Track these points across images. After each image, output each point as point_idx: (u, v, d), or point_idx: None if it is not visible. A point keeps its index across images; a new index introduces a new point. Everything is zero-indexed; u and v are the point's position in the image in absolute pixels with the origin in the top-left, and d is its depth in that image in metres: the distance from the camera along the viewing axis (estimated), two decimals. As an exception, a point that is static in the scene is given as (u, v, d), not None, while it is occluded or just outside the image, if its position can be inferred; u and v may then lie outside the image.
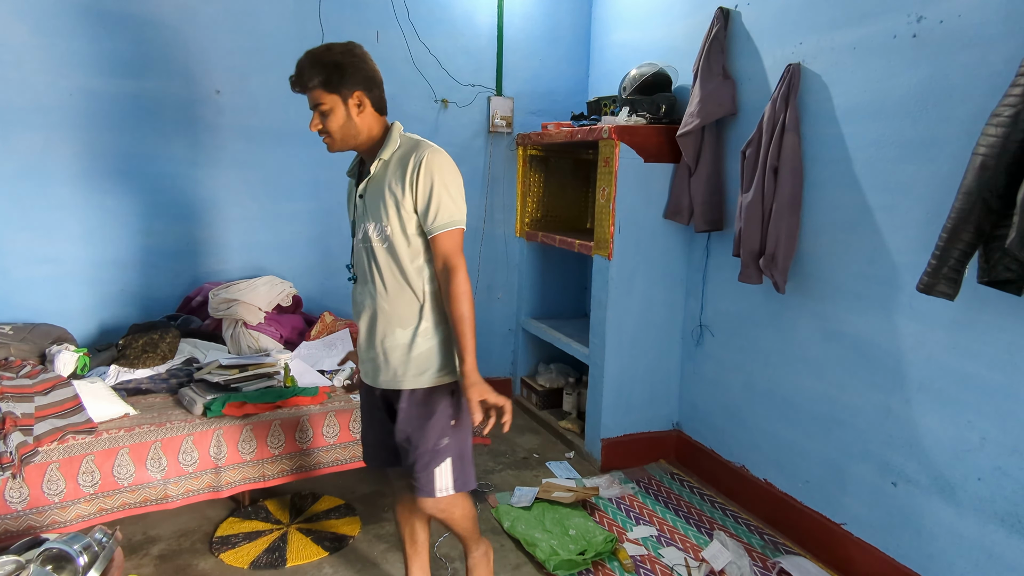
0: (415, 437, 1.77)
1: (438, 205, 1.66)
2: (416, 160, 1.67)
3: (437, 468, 1.77)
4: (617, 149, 2.91)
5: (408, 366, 1.76)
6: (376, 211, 1.72)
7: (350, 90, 1.67)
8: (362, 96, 1.69)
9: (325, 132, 1.71)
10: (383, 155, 1.72)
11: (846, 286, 2.35)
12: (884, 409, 2.24)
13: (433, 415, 1.77)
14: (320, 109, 1.67)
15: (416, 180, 1.66)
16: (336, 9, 3.25)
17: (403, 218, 1.69)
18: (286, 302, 3.13)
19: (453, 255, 1.68)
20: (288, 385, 2.61)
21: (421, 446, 1.76)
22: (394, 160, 1.72)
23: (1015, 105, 1.64)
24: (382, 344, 1.77)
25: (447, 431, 1.79)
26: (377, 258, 1.73)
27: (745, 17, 2.73)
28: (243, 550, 2.39)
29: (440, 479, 1.78)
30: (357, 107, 1.69)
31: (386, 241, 1.71)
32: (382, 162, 1.73)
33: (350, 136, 1.72)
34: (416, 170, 1.66)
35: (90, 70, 2.82)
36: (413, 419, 1.77)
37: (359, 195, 1.77)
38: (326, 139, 1.73)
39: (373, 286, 1.76)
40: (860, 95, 2.25)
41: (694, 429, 3.18)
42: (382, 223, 1.71)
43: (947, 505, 2.05)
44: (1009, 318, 1.85)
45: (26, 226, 2.79)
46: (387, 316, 1.75)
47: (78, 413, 2.22)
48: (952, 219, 1.76)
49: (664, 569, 2.39)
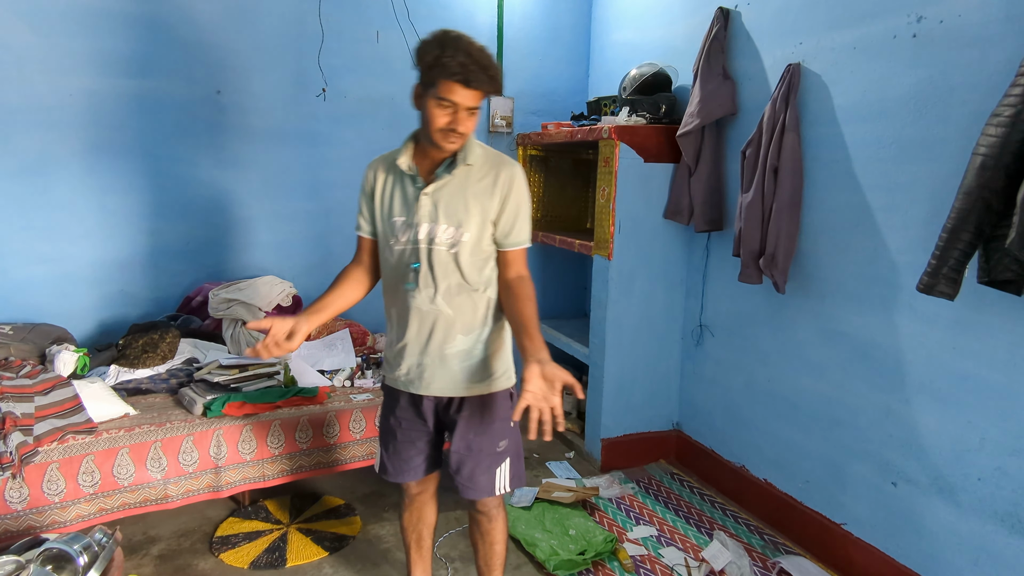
0: (476, 442, 1.76)
1: (521, 224, 1.70)
2: (509, 176, 1.68)
3: (498, 469, 1.79)
4: (617, 149, 2.91)
5: (471, 372, 1.74)
6: (454, 215, 1.65)
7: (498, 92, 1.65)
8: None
9: (460, 134, 1.61)
10: (469, 160, 1.66)
11: (846, 286, 2.35)
12: (884, 409, 2.24)
13: (496, 420, 1.77)
14: (473, 111, 1.60)
15: (508, 196, 1.67)
16: (336, 9, 3.25)
17: (483, 228, 1.67)
18: (286, 302, 3.13)
19: (524, 267, 1.74)
20: (288, 385, 2.61)
21: (483, 450, 1.76)
22: (478, 167, 1.68)
23: (1015, 105, 1.64)
24: (440, 350, 1.72)
25: (507, 433, 1.80)
26: (437, 261, 1.67)
27: (745, 17, 2.73)
28: (243, 550, 2.40)
29: (499, 479, 1.80)
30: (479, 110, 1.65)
31: (456, 246, 1.66)
32: (468, 167, 1.67)
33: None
34: (509, 186, 1.67)
35: (90, 70, 2.82)
36: (475, 425, 1.76)
37: (424, 193, 1.67)
38: (456, 140, 1.62)
39: (433, 290, 1.69)
40: (860, 95, 2.25)
41: (694, 429, 3.18)
42: (460, 228, 1.65)
43: (947, 505, 2.05)
44: (1009, 318, 1.85)
45: (26, 226, 2.79)
46: (448, 322, 1.70)
47: (78, 413, 2.22)
48: (952, 219, 1.76)
49: (664, 569, 2.39)
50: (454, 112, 1.57)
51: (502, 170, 1.68)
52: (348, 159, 3.40)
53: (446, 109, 1.57)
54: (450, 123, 1.58)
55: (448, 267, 1.68)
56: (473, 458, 1.77)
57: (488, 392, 1.76)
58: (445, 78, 1.53)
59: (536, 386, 1.46)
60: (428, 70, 1.58)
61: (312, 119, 3.31)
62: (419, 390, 1.77)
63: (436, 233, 1.66)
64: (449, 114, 1.58)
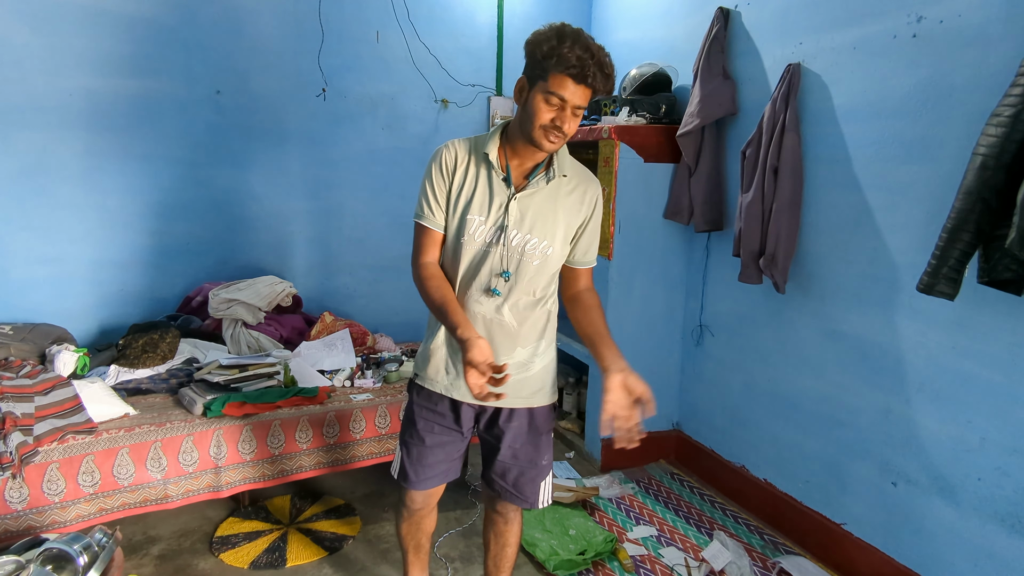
0: (523, 453, 1.75)
1: (595, 244, 1.72)
2: (595, 195, 1.67)
3: (543, 482, 1.80)
4: (617, 149, 2.91)
5: (525, 384, 1.70)
6: (543, 227, 1.60)
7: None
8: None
9: (563, 133, 1.52)
10: (564, 170, 1.62)
11: (846, 286, 2.35)
12: (884, 409, 2.24)
13: (543, 433, 1.77)
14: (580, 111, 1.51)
15: (592, 215, 1.67)
16: (336, 9, 3.25)
17: (565, 244, 1.66)
18: (286, 302, 3.13)
19: (591, 282, 1.76)
20: (288, 385, 2.61)
21: (530, 462, 1.76)
22: (570, 180, 1.63)
23: (1015, 105, 1.64)
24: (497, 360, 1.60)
25: (550, 446, 1.81)
26: (523, 271, 1.62)
27: (745, 17, 2.73)
28: (243, 550, 2.39)
29: (543, 492, 1.81)
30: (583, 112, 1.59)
31: (543, 258, 1.62)
32: (562, 179, 1.62)
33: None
34: (594, 205, 1.67)
35: (90, 70, 2.82)
36: (522, 435, 1.74)
37: (514, 198, 1.58)
38: (557, 140, 1.52)
39: (503, 299, 1.63)
40: (860, 95, 2.25)
41: (694, 429, 3.17)
42: (547, 241, 1.61)
43: (947, 505, 2.05)
44: (1009, 318, 1.85)
45: (26, 226, 2.79)
46: (511, 332, 1.66)
47: (78, 413, 2.22)
48: (952, 219, 1.76)
49: (664, 569, 2.39)
50: (561, 109, 1.48)
51: (590, 187, 1.66)
52: (348, 159, 3.41)
53: (553, 105, 1.48)
54: (555, 120, 1.48)
55: (531, 279, 1.63)
56: (519, 467, 1.76)
57: (539, 405, 1.75)
58: (560, 71, 1.43)
59: (618, 396, 1.45)
60: (541, 61, 1.46)
61: (312, 119, 3.31)
62: (465, 397, 1.70)
63: (524, 242, 1.60)
64: (555, 110, 1.48)
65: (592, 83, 1.45)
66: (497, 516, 1.87)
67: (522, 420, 1.73)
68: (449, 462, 1.80)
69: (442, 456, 1.77)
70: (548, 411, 1.79)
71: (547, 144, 1.52)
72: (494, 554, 1.92)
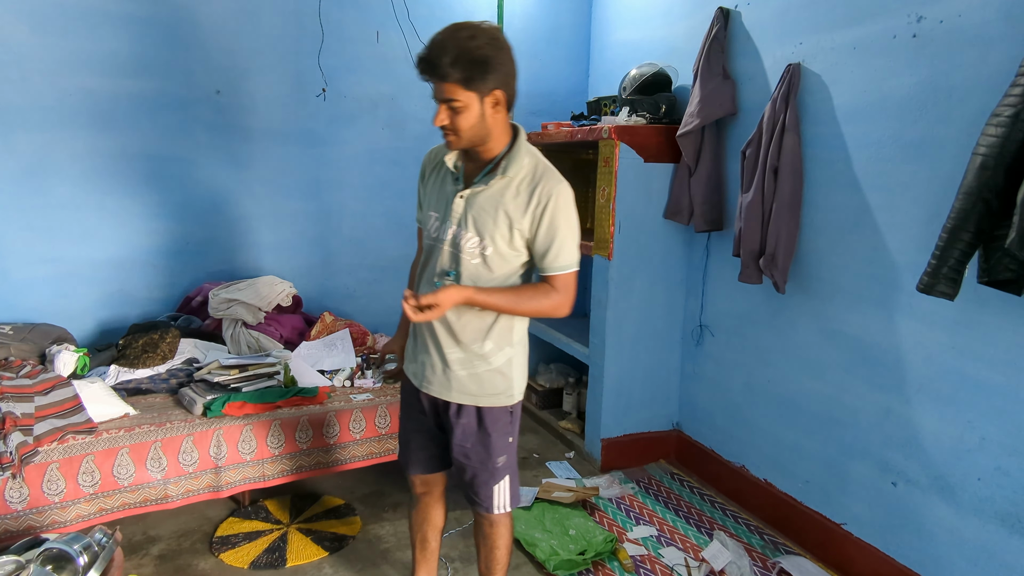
0: (474, 454, 1.75)
1: (560, 247, 1.58)
2: (546, 194, 1.55)
3: (496, 486, 1.77)
4: (617, 149, 2.91)
5: (470, 382, 1.70)
6: (482, 226, 1.58)
7: (490, 88, 1.49)
8: (501, 96, 1.52)
9: (451, 130, 1.52)
10: (509, 172, 1.57)
11: (846, 286, 2.35)
12: (884, 409, 2.24)
13: (493, 434, 1.73)
14: (452, 105, 1.49)
15: (541, 216, 1.56)
16: (336, 9, 3.25)
17: (511, 245, 1.59)
18: (286, 302, 3.13)
19: (565, 290, 1.63)
20: (288, 385, 2.61)
21: (481, 464, 1.75)
22: (517, 181, 1.58)
23: (1015, 105, 1.64)
24: (440, 352, 1.69)
25: (506, 449, 1.77)
26: (463, 269, 1.62)
27: (745, 17, 2.73)
28: (243, 550, 2.39)
29: (499, 496, 1.78)
30: (494, 106, 1.52)
31: (480, 258, 1.60)
32: (505, 179, 1.58)
33: (478, 137, 1.56)
34: (543, 206, 1.55)
35: (90, 70, 2.82)
36: (471, 436, 1.74)
37: (459, 196, 1.61)
38: (450, 136, 1.55)
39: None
40: (860, 95, 2.25)
41: (694, 429, 3.17)
42: (484, 241, 1.58)
43: (947, 505, 2.05)
44: (1009, 318, 1.85)
45: (26, 226, 2.79)
46: (454, 330, 1.66)
47: (78, 413, 2.22)
48: (952, 219, 1.76)
49: (664, 569, 2.39)
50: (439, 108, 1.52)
51: (540, 187, 1.56)
52: (348, 159, 3.41)
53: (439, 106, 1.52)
54: (437, 120, 1.52)
55: (470, 278, 1.63)
56: (472, 468, 1.77)
57: (486, 406, 1.72)
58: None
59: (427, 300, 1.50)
60: None
61: (312, 119, 3.31)
62: (421, 386, 1.77)
63: (461, 239, 1.61)
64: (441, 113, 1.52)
65: (431, 73, 1.47)
66: (482, 519, 1.87)
67: (470, 419, 1.73)
68: (434, 448, 1.86)
69: (424, 441, 1.85)
70: (499, 413, 1.73)
71: (449, 143, 1.58)
72: (484, 556, 1.92)
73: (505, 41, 1.52)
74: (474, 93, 1.48)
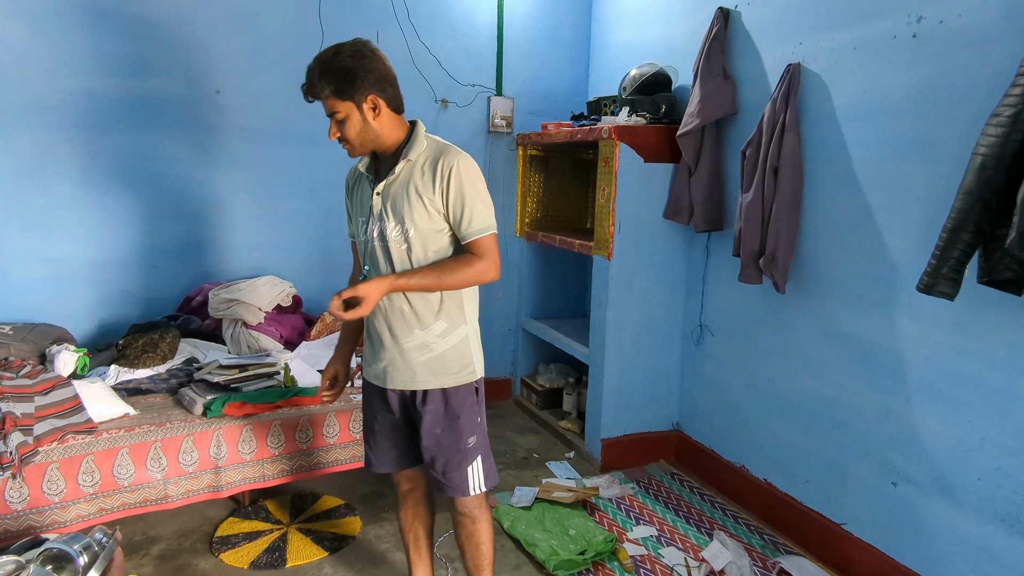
0: (444, 438, 1.77)
1: (471, 212, 1.66)
2: (446, 166, 1.65)
3: (470, 467, 1.79)
4: (617, 149, 2.91)
5: (430, 366, 1.74)
6: (399, 212, 1.68)
7: (363, 94, 1.62)
8: (376, 99, 1.64)
9: (344, 140, 1.68)
10: (410, 155, 1.68)
11: (846, 286, 2.35)
12: (884, 409, 2.24)
13: (461, 415, 1.77)
14: (336, 117, 1.64)
15: (447, 187, 1.65)
16: (336, 9, 3.25)
17: (430, 221, 1.67)
18: (286, 302, 3.13)
19: (487, 255, 1.69)
20: (288, 385, 2.61)
21: (452, 446, 1.77)
22: (420, 162, 1.69)
23: (1015, 105, 1.64)
24: (398, 344, 1.75)
25: (475, 429, 1.80)
26: (394, 258, 1.70)
27: (745, 17, 2.73)
28: (243, 550, 2.39)
29: (472, 477, 1.80)
30: (372, 111, 1.65)
31: (406, 243, 1.68)
32: (408, 163, 1.69)
33: (369, 141, 1.69)
34: (447, 177, 1.65)
35: (90, 70, 2.82)
36: (440, 420, 1.76)
37: (376, 193, 1.72)
38: (345, 146, 1.70)
39: None
40: (860, 95, 2.25)
41: (694, 429, 3.18)
42: (404, 224, 1.67)
43: (947, 505, 2.05)
44: (1009, 318, 1.85)
45: (26, 226, 2.79)
46: (405, 317, 1.73)
47: (78, 413, 2.22)
48: (952, 219, 1.76)
49: (664, 569, 2.39)
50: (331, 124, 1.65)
51: (441, 161, 1.66)
52: (347, 159, 3.37)
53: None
54: (330, 134, 1.66)
55: (403, 263, 1.70)
56: (444, 453, 1.78)
57: (450, 386, 1.76)
58: None
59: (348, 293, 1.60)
60: None
61: (312, 119, 3.30)
62: (384, 384, 1.80)
63: (387, 230, 1.70)
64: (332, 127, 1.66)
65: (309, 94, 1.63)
66: (463, 518, 1.87)
67: (437, 403, 1.76)
68: (397, 449, 1.89)
69: (394, 440, 1.88)
70: (465, 393, 1.78)
71: (348, 152, 1.71)
72: (471, 555, 1.91)
73: (369, 51, 1.64)
74: (350, 102, 1.62)
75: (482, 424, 1.83)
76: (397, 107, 1.71)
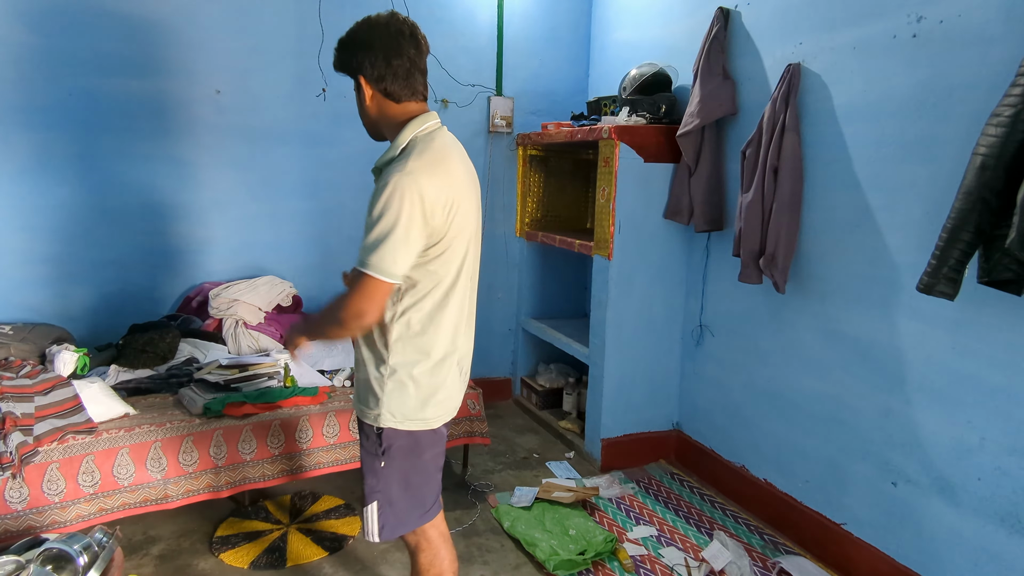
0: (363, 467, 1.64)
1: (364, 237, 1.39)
2: (382, 181, 1.39)
3: (367, 508, 1.58)
4: (617, 149, 2.91)
5: (357, 385, 1.62)
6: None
7: (354, 73, 1.47)
8: (363, 81, 1.47)
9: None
10: (379, 161, 1.50)
11: (846, 286, 2.35)
12: (884, 409, 2.24)
13: (362, 450, 1.62)
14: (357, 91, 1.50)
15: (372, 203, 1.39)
16: (336, 9, 3.25)
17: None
18: (286, 302, 3.13)
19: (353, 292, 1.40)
20: (288, 385, 2.61)
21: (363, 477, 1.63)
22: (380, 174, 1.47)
23: (1015, 105, 1.64)
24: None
25: (375, 473, 1.57)
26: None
27: (745, 17, 2.73)
28: (243, 550, 2.39)
29: (368, 521, 1.58)
30: (365, 94, 1.48)
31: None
32: (376, 169, 1.51)
33: (368, 125, 1.53)
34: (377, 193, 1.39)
35: (90, 70, 2.82)
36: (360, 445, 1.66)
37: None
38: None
39: None
40: (860, 95, 2.25)
41: (694, 429, 3.18)
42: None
43: (947, 505, 2.05)
44: (1009, 318, 1.85)
45: (26, 226, 2.79)
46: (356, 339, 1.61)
47: (78, 413, 2.22)
48: (952, 219, 1.76)
49: (664, 569, 2.39)
50: None
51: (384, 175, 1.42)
52: (348, 159, 3.40)
53: None
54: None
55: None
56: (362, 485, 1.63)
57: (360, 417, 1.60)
58: None
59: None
60: None
61: (312, 119, 3.31)
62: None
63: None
64: None
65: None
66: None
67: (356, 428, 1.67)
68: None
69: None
70: (369, 432, 1.57)
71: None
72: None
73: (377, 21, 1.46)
74: (350, 77, 1.51)
75: (386, 471, 1.56)
76: (393, 95, 1.48)
